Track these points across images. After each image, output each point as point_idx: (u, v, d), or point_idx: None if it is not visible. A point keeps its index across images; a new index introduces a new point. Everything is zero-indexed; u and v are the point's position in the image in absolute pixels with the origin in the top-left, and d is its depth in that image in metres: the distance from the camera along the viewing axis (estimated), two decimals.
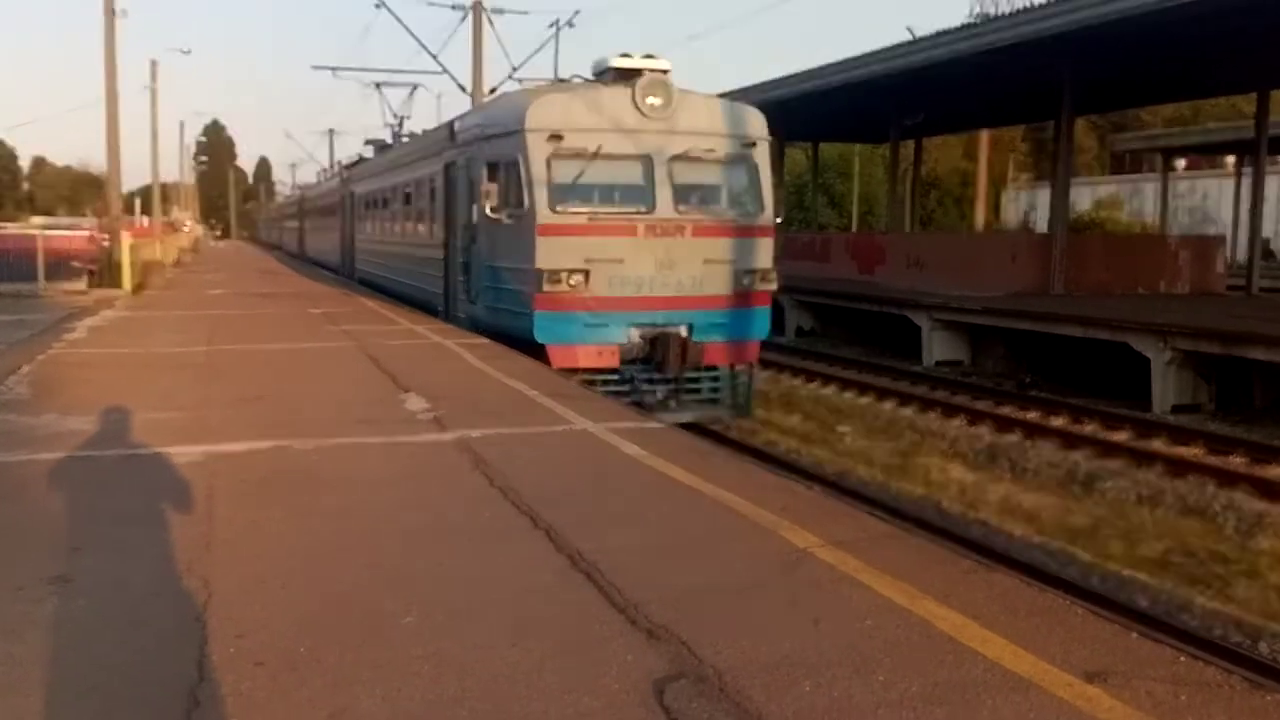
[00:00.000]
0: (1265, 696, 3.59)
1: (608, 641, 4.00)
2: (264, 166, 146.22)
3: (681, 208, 12.81)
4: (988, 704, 3.51)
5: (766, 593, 4.54)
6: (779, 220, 14.06)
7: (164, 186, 65.07)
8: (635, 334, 12.64)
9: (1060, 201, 24.77)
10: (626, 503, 6.05)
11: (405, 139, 26.88)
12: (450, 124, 16.79)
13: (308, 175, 68.95)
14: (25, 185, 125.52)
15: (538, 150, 12.50)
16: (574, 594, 4.51)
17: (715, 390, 13.59)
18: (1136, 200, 52.85)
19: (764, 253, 13.36)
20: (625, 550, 5.09)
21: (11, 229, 36.58)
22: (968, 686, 3.64)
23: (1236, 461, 13.07)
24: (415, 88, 30.42)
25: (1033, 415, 16.08)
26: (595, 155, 12.45)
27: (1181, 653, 3.95)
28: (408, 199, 20.60)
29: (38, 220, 53.85)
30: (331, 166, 55.04)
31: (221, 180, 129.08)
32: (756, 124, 13.60)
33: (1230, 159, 43.93)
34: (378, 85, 31.25)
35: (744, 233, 13.14)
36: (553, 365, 12.05)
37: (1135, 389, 16.84)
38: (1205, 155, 47.83)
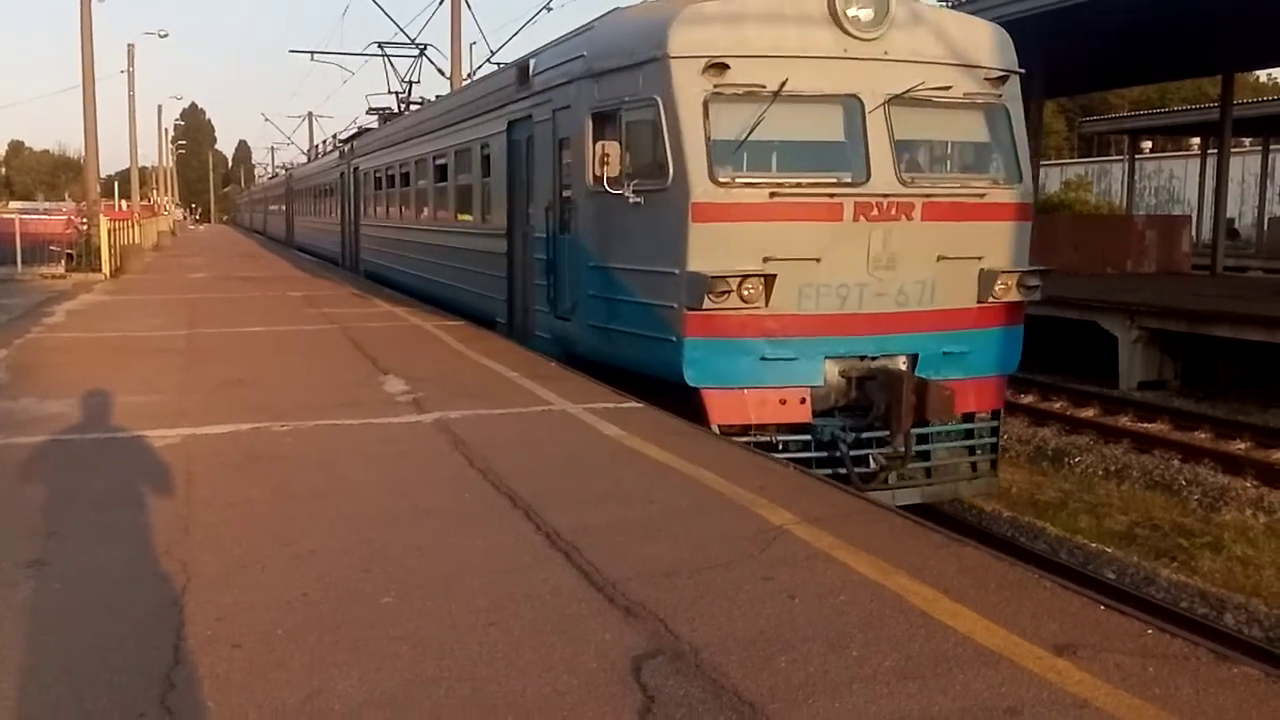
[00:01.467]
0: (1231, 669, 3.65)
1: (586, 620, 4.03)
2: (243, 150, 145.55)
3: (908, 176, 8.65)
4: (959, 677, 3.55)
5: (743, 569, 4.58)
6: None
7: (143, 170, 64.68)
8: (834, 370, 8.59)
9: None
10: (605, 482, 6.07)
11: (417, 106, 23.66)
12: (522, 65, 12.23)
13: (287, 159, 68.33)
14: (2, 170, 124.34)
15: (689, 87, 8.41)
16: (552, 573, 4.54)
17: (957, 452, 9.39)
18: (1105, 181, 53.23)
19: (1019, 245, 9.17)
20: (603, 529, 5.12)
21: None
22: (940, 660, 3.68)
23: (1201, 437, 13.30)
24: (424, 49, 27.18)
25: None
26: (777, 95, 8.33)
27: (1149, 625, 4.01)
28: (442, 173, 16.40)
29: (15, 205, 53.37)
30: (311, 149, 54.02)
31: (201, 164, 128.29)
32: (1004, 48, 9.34)
33: (1196, 140, 44.31)
34: (380, 45, 27.24)
35: (994, 214, 9.00)
36: (712, 420, 8.26)
37: (1103, 367, 17.04)
38: (1171, 137, 48.16)
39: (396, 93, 26.34)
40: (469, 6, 26.95)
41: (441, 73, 27.02)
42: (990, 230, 8.94)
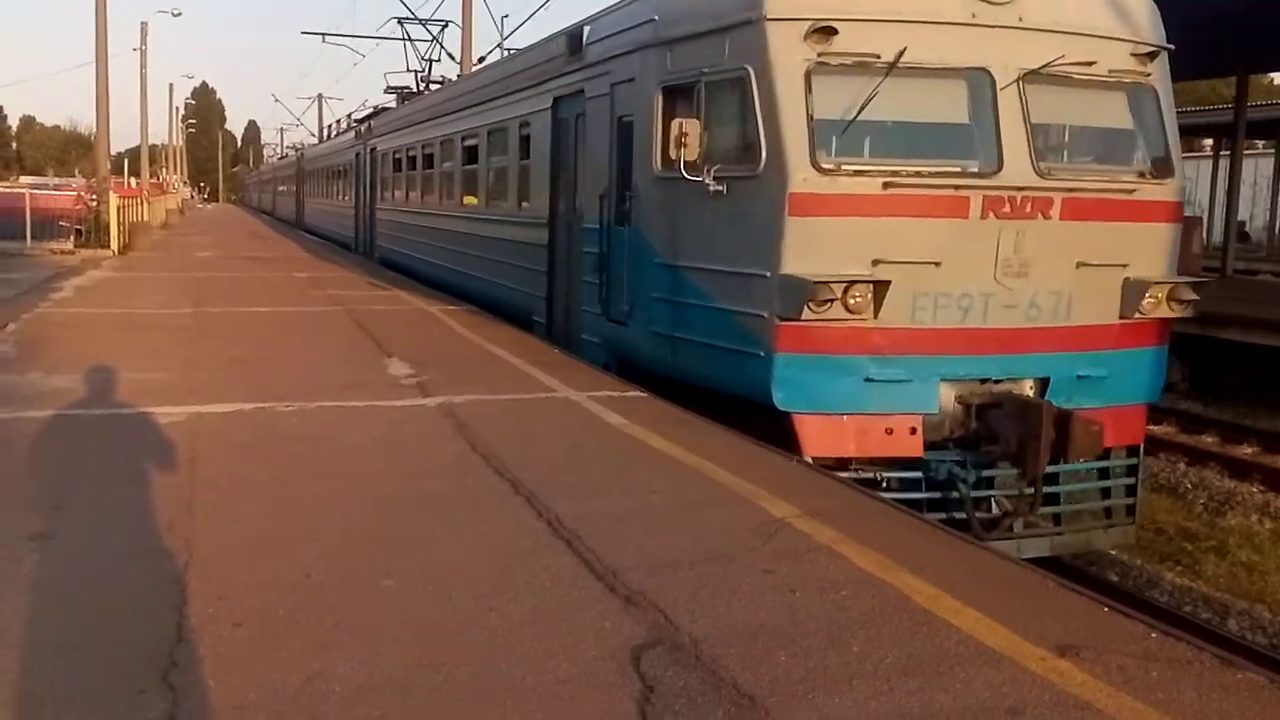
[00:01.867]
0: (1235, 674, 3.64)
1: (586, 608, 4.03)
2: (253, 130, 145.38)
3: (1045, 166, 7.35)
4: (960, 675, 3.54)
5: (744, 562, 4.57)
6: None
7: (153, 148, 64.67)
8: (950, 395, 7.34)
9: None
10: (607, 470, 6.06)
11: (438, 85, 22.55)
12: (574, 32, 10.81)
13: (297, 139, 68.16)
14: (14, 145, 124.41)
15: (788, 56, 7.16)
16: (553, 560, 4.53)
17: (1094, 494, 8.13)
18: None
19: (1170, 251, 7.85)
20: (605, 517, 5.12)
21: None
22: (941, 658, 3.67)
23: (1208, 440, 13.26)
24: (445, 25, 26.68)
25: None
26: (893, 67, 7.10)
27: (1152, 629, 3.99)
28: (472, 154, 15.07)
29: (26, 180, 53.42)
30: (322, 130, 53.81)
31: (210, 143, 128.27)
32: (1154, 19, 8.00)
33: (1208, 142, 44.10)
34: (400, 21, 26.06)
35: (1143, 214, 7.65)
36: (805, 450, 7.04)
37: None
38: (1184, 138, 47.96)
39: (416, 71, 25.60)
40: None
41: (452, 57, 26.96)
42: (1139, 233, 7.58)
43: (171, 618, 3.80)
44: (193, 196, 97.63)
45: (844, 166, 7.15)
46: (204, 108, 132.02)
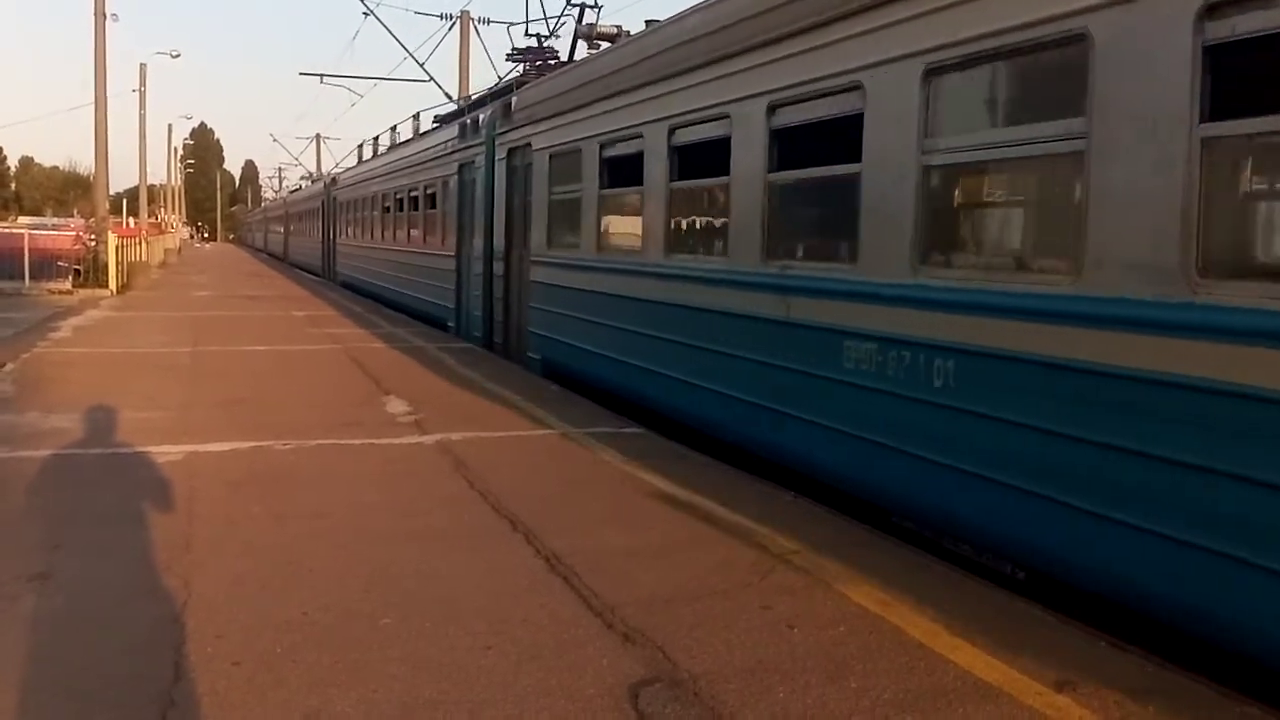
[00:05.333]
0: (1234, 707, 3.64)
1: (584, 645, 4.02)
2: (250, 170, 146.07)
3: None
4: (959, 712, 3.54)
5: (742, 597, 4.57)
6: None
7: (151, 188, 64.94)
8: None
9: None
10: (604, 507, 6.07)
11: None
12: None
13: (295, 179, 68.66)
14: (12, 185, 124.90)
15: None
16: (551, 597, 4.54)
17: None
18: None
19: None
20: (602, 554, 5.12)
21: None
22: (939, 694, 3.67)
23: None
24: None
25: None
26: None
27: (1150, 662, 4.00)
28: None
29: (24, 220, 53.56)
30: (316, 173, 54.58)
31: (209, 183, 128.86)
32: None
33: None
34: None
35: None
36: None
37: None
38: None
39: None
40: (478, 33, 26.95)
41: (450, 98, 27.17)
42: None
43: (170, 657, 3.80)
44: (191, 236, 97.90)
45: None
46: (202, 147, 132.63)
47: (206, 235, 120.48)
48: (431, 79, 26.96)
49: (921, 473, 5.56)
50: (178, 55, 49.04)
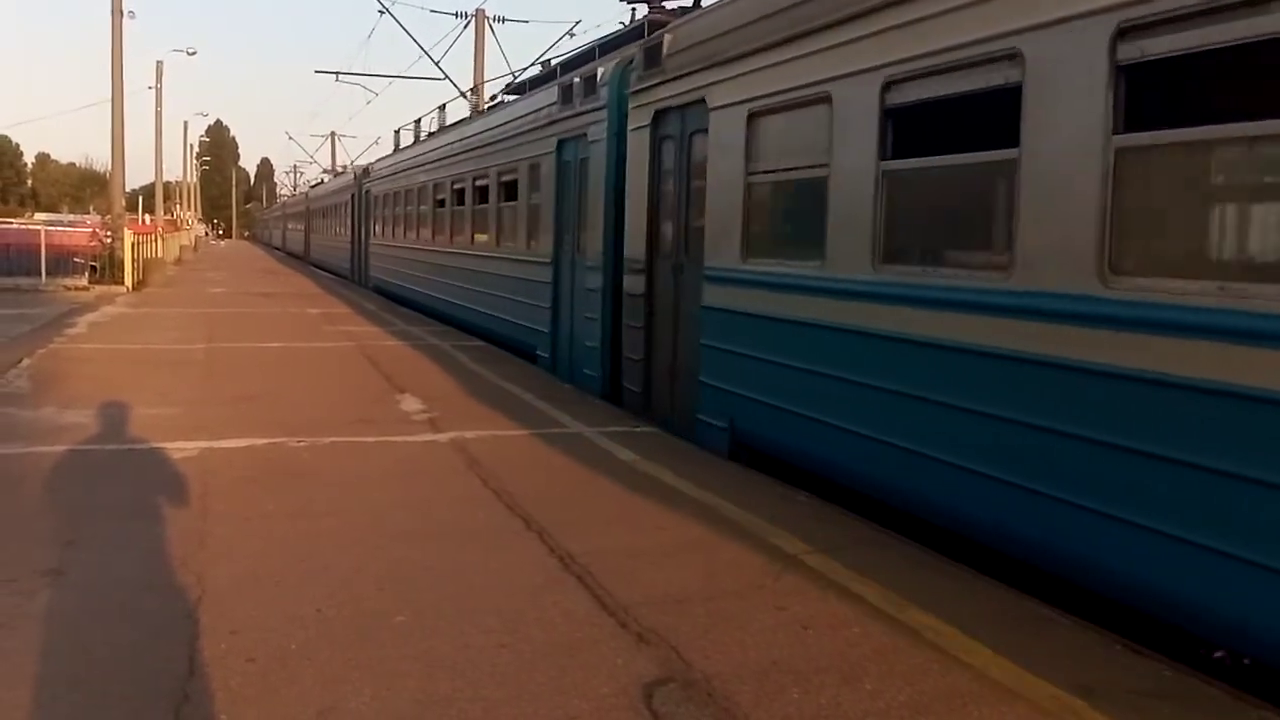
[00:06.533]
0: (1249, 711, 3.61)
1: (598, 644, 4.02)
2: (266, 167, 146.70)
3: None
4: (974, 714, 3.52)
5: (755, 598, 4.56)
6: None
7: (167, 185, 65.23)
8: None
9: None
10: (618, 506, 6.07)
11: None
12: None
13: (312, 176, 68.82)
14: (29, 182, 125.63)
15: None
16: (566, 596, 4.53)
17: None
18: None
19: None
20: (617, 553, 5.11)
21: (14, 224, 36.60)
22: (954, 696, 3.65)
23: None
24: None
25: None
26: None
27: (1166, 665, 3.97)
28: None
29: (41, 217, 53.89)
30: (332, 170, 54.40)
31: (224, 180, 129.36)
32: None
33: None
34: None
35: None
36: None
37: None
38: None
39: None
40: (493, 31, 26.98)
41: (465, 95, 27.22)
42: None
43: (184, 652, 3.81)
44: (206, 233, 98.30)
45: None
46: (218, 145, 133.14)
47: (222, 232, 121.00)
48: (446, 77, 26.99)
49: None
50: (194, 53, 49.39)
